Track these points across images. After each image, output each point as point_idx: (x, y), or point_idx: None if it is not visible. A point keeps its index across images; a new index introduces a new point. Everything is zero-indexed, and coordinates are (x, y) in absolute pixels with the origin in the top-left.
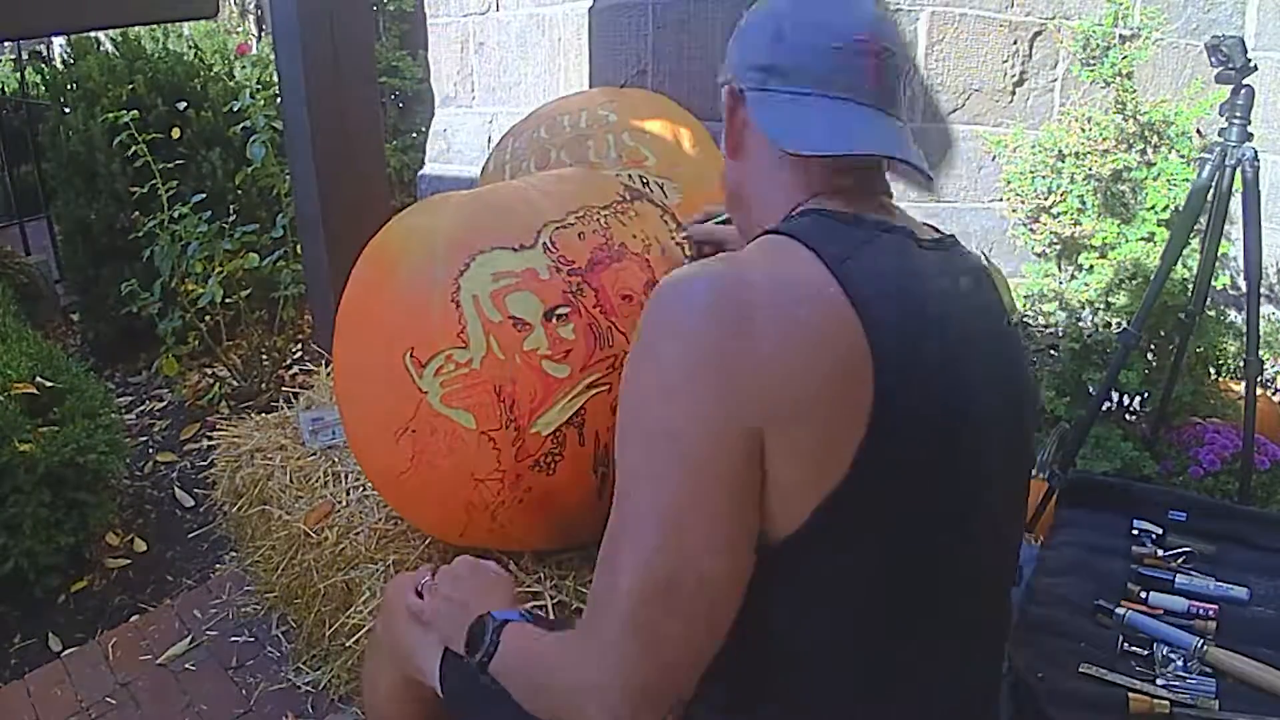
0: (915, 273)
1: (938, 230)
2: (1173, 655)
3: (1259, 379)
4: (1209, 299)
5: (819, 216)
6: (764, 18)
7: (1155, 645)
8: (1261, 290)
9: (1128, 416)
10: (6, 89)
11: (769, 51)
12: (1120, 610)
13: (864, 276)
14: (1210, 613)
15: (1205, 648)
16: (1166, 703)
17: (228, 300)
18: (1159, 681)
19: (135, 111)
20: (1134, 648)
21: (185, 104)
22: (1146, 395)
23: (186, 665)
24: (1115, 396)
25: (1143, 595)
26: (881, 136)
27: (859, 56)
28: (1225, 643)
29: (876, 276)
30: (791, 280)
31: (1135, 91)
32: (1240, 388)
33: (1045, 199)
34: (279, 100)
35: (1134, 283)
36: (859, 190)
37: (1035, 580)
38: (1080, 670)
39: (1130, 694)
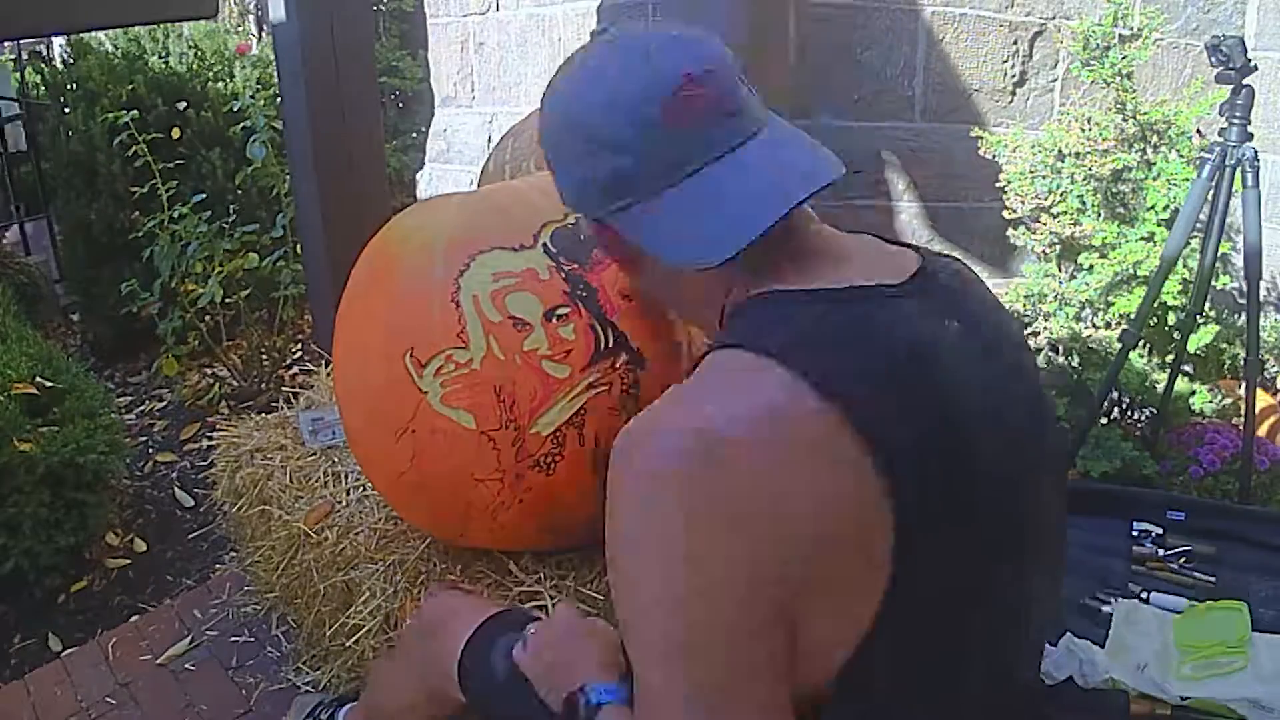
0: (904, 337)
1: (898, 244)
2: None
3: (1259, 379)
4: (1209, 299)
5: (766, 305)
6: (565, 136)
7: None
8: (1262, 290)
9: (1127, 416)
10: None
11: (602, 164)
12: (1108, 606)
13: (850, 377)
14: None
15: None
16: (1168, 706)
17: (228, 300)
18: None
19: (135, 111)
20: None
21: (185, 104)
22: (1146, 395)
23: (186, 665)
24: (1115, 396)
25: (1143, 595)
26: (774, 181)
27: (691, 105)
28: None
29: (861, 361)
30: (757, 411)
31: (1135, 91)
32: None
33: (1045, 199)
34: (279, 100)
35: (1134, 283)
36: (794, 249)
37: None
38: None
39: (1131, 697)
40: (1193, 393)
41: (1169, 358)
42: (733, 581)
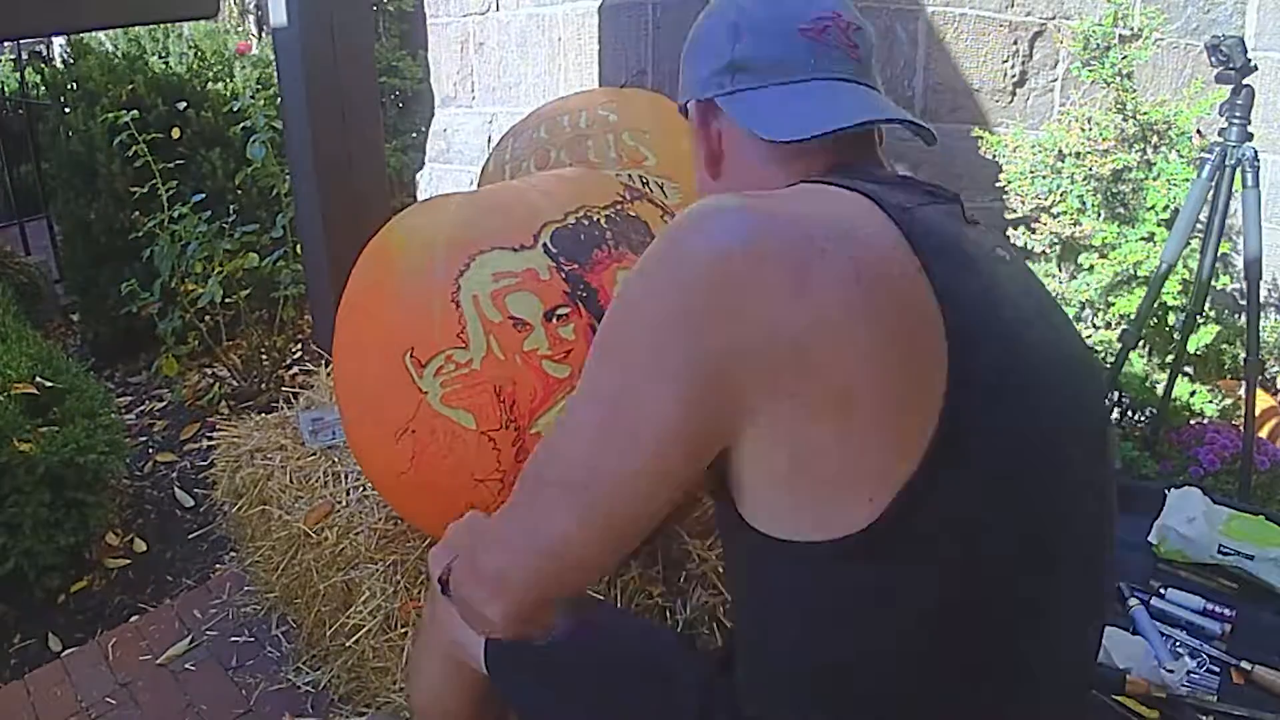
0: (972, 239)
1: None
2: (1180, 649)
3: (1259, 379)
4: (1209, 299)
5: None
6: (716, 21)
7: (1165, 639)
8: (1262, 291)
9: (1127, 416)
10: (6, 89)
11: (731, 50)
12: (1131, 601)
13: (927, 230)
14: (1226, 614)
15: (1249, 668)
16: (1164, 688)
17: (228, 300)
18: (1166, 670)
19: (135, 111)
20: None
21: (185, 104)
22: (1146, 395)
23: (186, 665)
24: (1115, 397)
25: (1161, 590)
26: (872, 106)
27: (828, 34)
28: (1239, 647)
29: (940, 234)
30: (848, 221)
31: (1135, 92)
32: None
33: (1045, 199)
34: (279, 100)
35: (1134, 283)
36: (868, 168)
37: None
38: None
39: (1128, 675)
40: (1193, 393)
41: (1169, 358)
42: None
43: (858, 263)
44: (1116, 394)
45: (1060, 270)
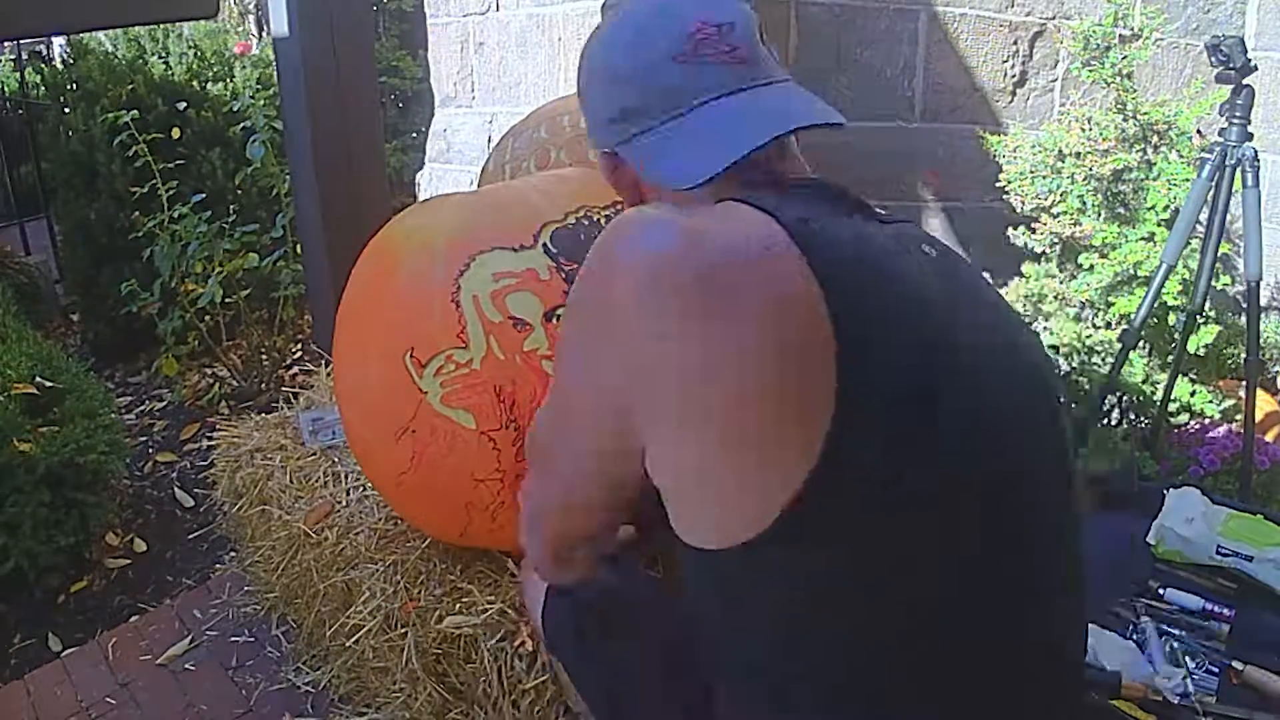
0: (878, 242)
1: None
2: (1177, 646)
3: (1259, 379)
4: (1210, 299)
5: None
6: (596, 74)
7: (1163, 639)
8: (1262, 291)
9: (1128, 416)
10: (6, 89)
11: (615, 98)
12: (1144, 620)
13: (827, 242)
14: (1225, 614)
15: (1240, 668)
16: (1160, 691)
17: (228, 300)
18: (1160, 674)
19: (135, 111)
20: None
21: (185, 104)
22: (1146, 395)
23: (186, 665)
24: (1115, 397)
25: (1160, 591)
26: (769, 115)
27: (702, 51)
28: (1237, 647)
29: (840, 244)
30: (742, 238)
31: (1135, 92)
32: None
33: (1045, 199)
34: (279, 100)
35: (1134, 283)
36: (776, 174)
37: None
38: None
39: (1125, 684)
40: (1193, 393)
41: (1169, 358)
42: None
43: (752, 286)
44: (1117, 394)
45: (1060, 270)
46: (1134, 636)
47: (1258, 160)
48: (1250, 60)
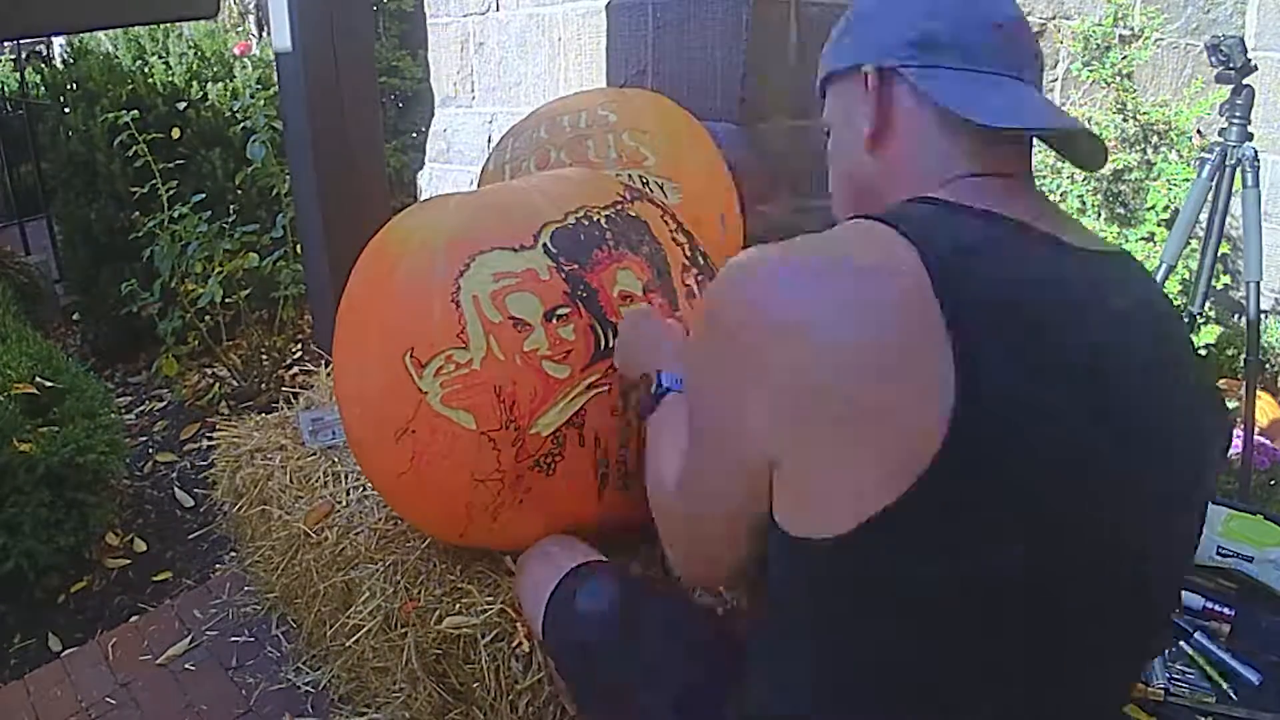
0: (1053, 280)
1: (1100, 238)
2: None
3: (1259, 380)
4: (1210, 300)
5: (936, 204)
6: None
7: None
8: (1262, 291)
9: None
10: (6, 89)
11: (926, 26)
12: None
13: (972, 277)
14: (1225, 614)
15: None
16: (1161, 690)
17: (228, 300)
18: (1158, 672)
19: (135, 111)
20: None
21: (185, 104)
22: None
23: (186, 665)
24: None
25: None
26: (1054, 113)
27: (1017, 35)
28: (1239, 647)
29: (991, 281)
30: (867, 269)
31: (1135, 92)
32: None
33: None
34: (279, 100)
35: None
36: (1013, 174)
37: None
38: None
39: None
40: None
41: None
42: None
43: (870, 320)
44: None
45: None
46: None
47: (1258, 160)
48: (1250, 60)
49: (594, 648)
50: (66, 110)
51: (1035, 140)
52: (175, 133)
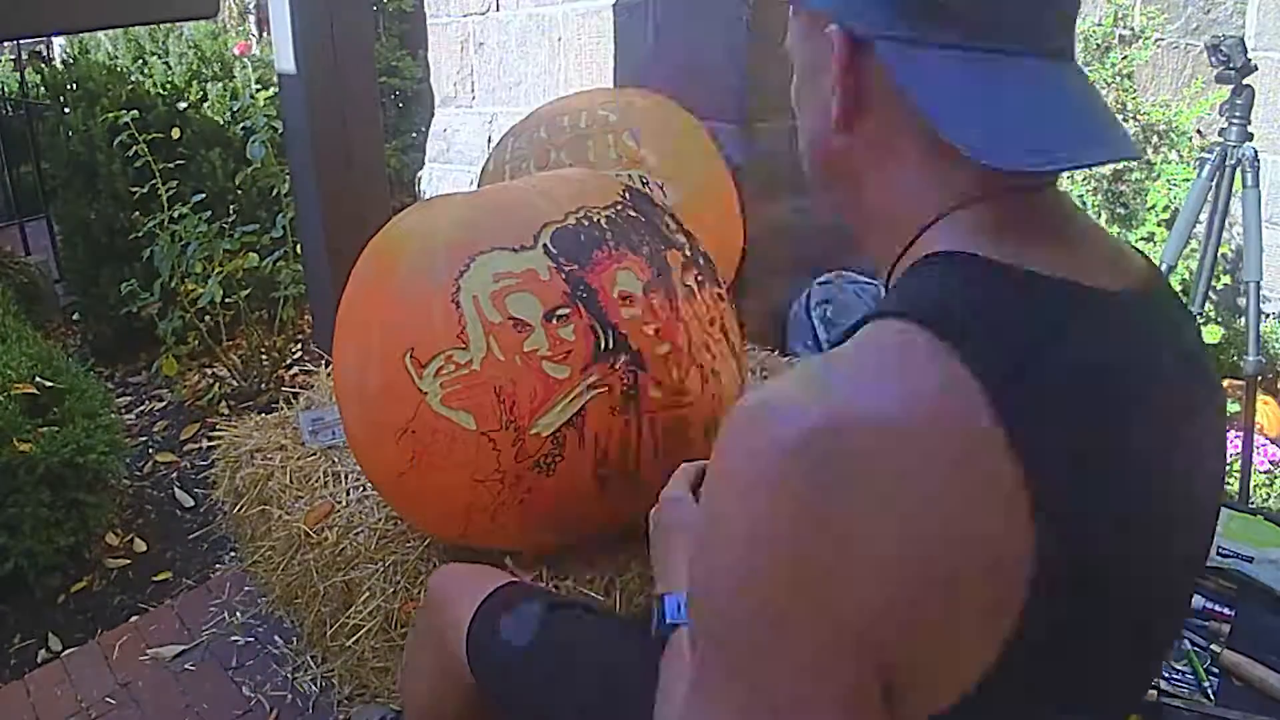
0: (1109, 366)
1: (1127, 250)
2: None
3: (1259, 379)
4: (1210, 300)
5: (954, 271)
6: None
7: None
8: (1262, 291)
9: None
10: (7, 89)
11: None
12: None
13: (1040, 400)
14: (1225, 614)
15: (1216, 650)
16: (1154, 691)
17: (227, 300)
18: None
19: (135, 112)
20: None
21: (185, 104)
22: None
23: (186, 665)
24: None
25: None
26: (1083, 126)
27: None
28: (1237, 646)
29: (1058, 395)
30: (920, 426)
31: (1135, 92)
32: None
33: None
34: (279, 100)
35: None
36: (1029, 199)
37: None
38: None
39: None
40: None
41: None
42: (822, 606)
43: (924, 486)
44: None
45: None
46: None
47: (1258, 160)
48: (1250, 60)
49: (517, 674)
50: (66, 110)
51: None
52: (175, 133)
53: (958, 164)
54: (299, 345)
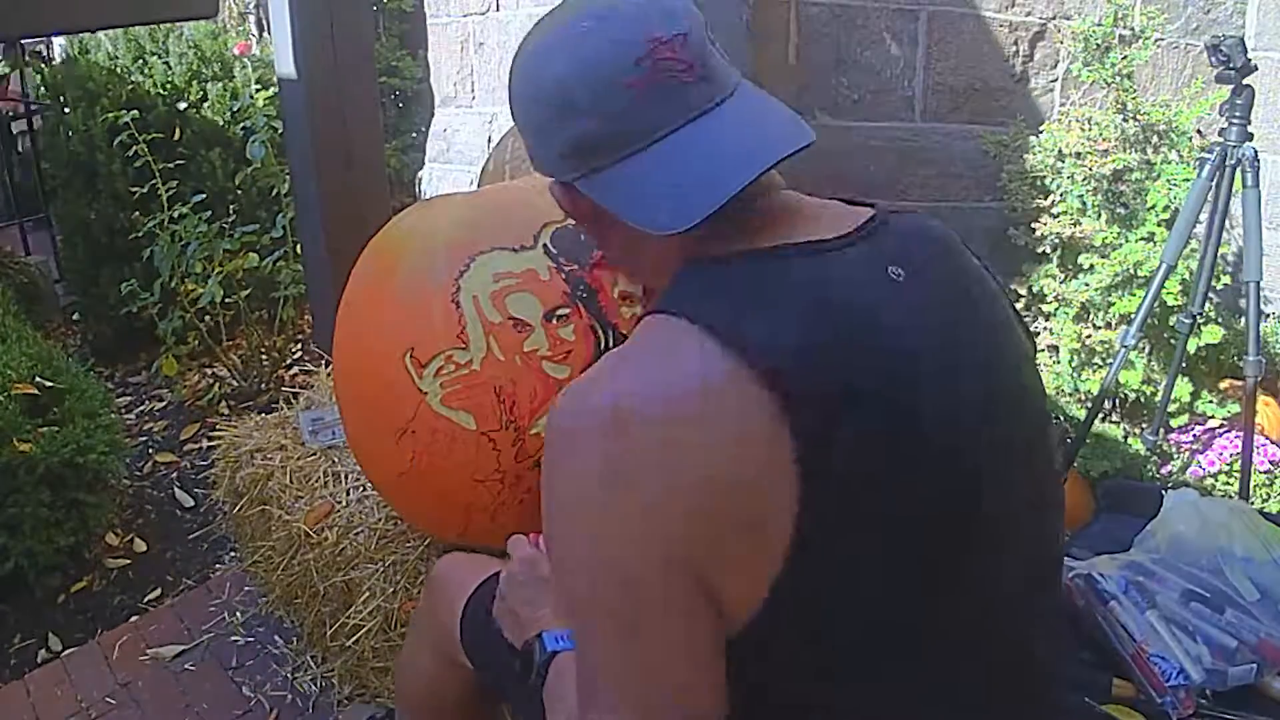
0: (838, 293)
1: (863, 203)
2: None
3: (1259, 379)
4: (1210, 300)
5: (697, 270)
6: (539, 94)
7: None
8: (1262, 291)
9: (1128, 417)
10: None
11: (568, 129)
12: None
13: (766, 332)
14: None
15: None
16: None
17: (227, 300)
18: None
19: (135, 112)
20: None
21: (185, 104)
22: (1147, 396)
23: (186, 665)
24: (1116, 397)
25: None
26: (742, 147)
27: (657, 72)
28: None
29: (783, 324)
30: (673, 387)
31: (1135, 92)
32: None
33: (1045, 199)
34: (279, 100)
35: (1134, 284)
36: (756, 214)
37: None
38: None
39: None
40: (1193, 394)
41: (1169, 358)
42: (636, 554)
43: (683, 437)
44: (1117, 394)
45: (1060, 271)
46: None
47: (1258, 160)
48: (1250, 60)
49: (508, 659)
50: (66, 110)
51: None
52: (175, 133)
53: (674, 237)
54: (299, 345)
